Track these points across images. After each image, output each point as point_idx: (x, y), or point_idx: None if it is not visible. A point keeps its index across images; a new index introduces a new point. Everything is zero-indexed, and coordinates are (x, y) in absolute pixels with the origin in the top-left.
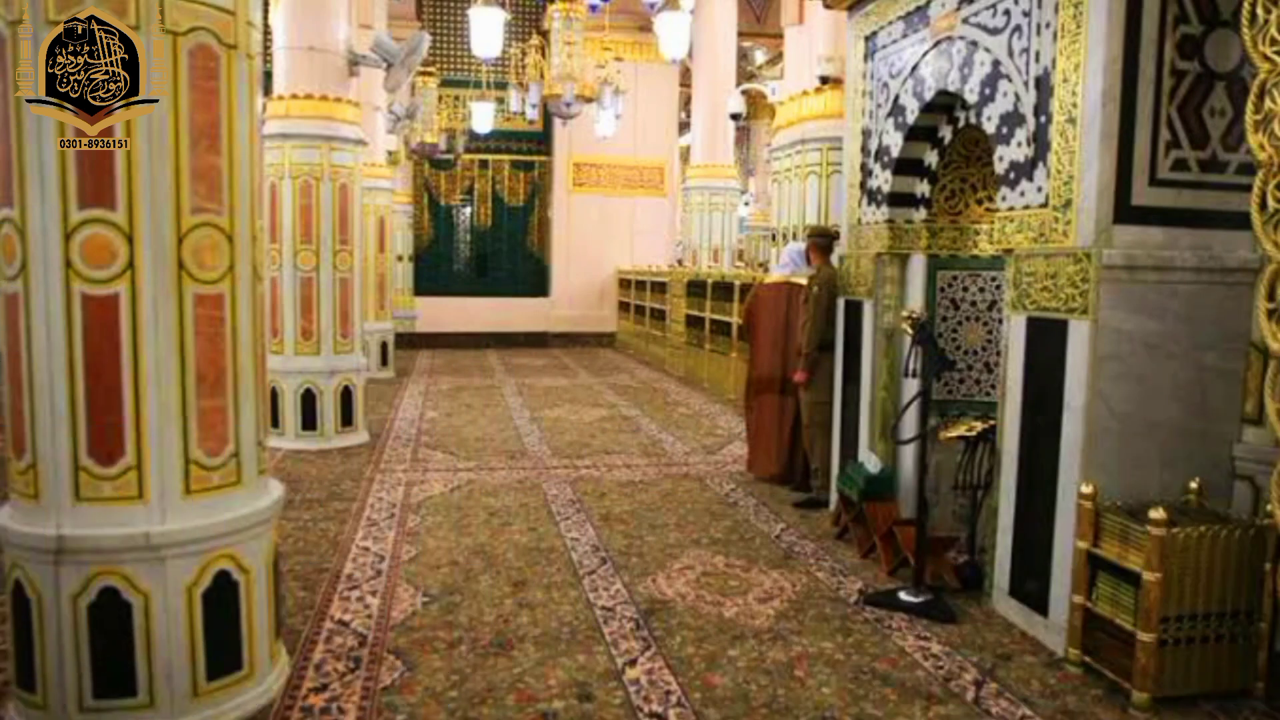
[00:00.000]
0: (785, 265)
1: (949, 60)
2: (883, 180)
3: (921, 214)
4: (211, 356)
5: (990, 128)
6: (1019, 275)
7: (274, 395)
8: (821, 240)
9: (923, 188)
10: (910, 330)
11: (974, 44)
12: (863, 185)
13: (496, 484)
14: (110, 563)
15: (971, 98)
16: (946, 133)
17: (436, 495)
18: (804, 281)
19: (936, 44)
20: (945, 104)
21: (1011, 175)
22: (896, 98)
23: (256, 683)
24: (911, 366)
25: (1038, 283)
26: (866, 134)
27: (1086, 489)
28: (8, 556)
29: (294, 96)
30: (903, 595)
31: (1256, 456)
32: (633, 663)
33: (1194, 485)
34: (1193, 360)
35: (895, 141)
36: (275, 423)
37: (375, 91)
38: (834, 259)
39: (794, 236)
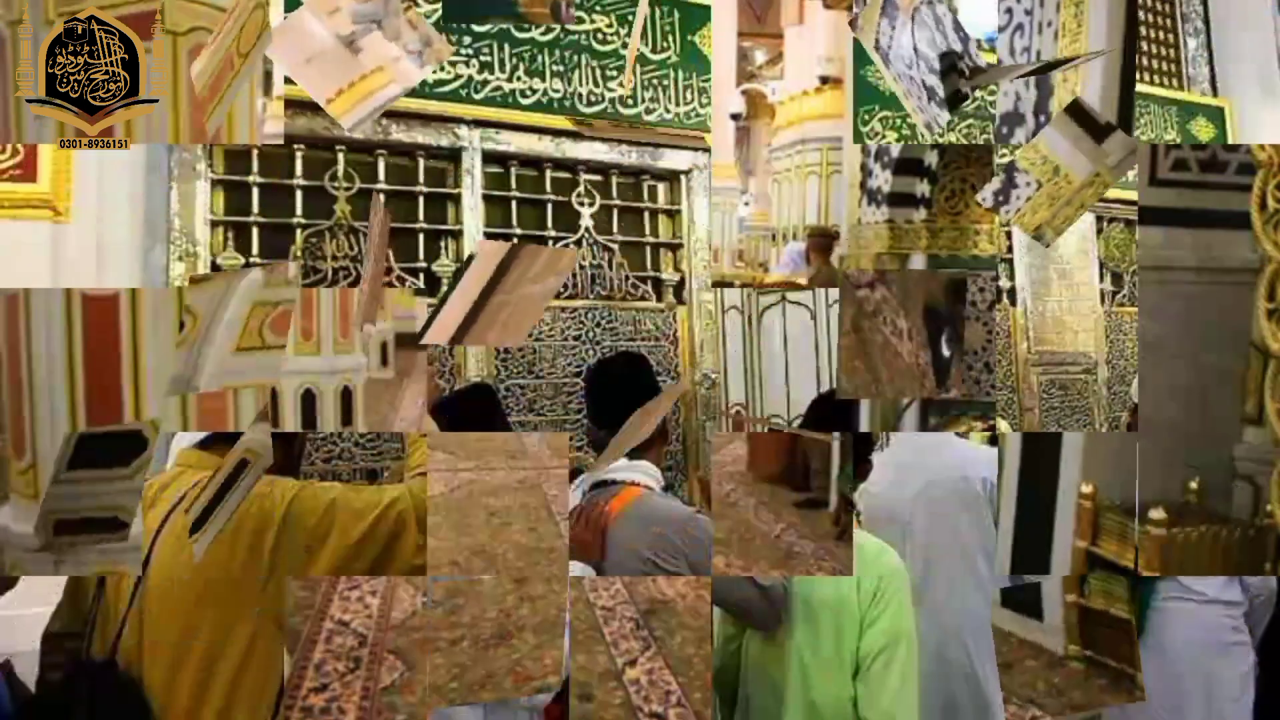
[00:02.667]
0: (785, 265)
1: None
2: (883, 180)
3: (921, 214)
4: None
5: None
6: None
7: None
8: (821, 240)
9: (923, 188)
10: None
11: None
12: (863, 185)
13: (496, 484)
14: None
15: None
16: None
17: (436, 495)
18: (804, 281)
19: None
20: None
21: None
22: None
23: None
24: None
25: None
26: None
27: (1086, 489)
28: (7, 557)
29: None
30: None
31: (1256, 456)
32: (633, 663)
33: (1194, 485)
34: (1193, 360)
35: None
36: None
37: None
38: (834, 259)
39: (794, 236)
